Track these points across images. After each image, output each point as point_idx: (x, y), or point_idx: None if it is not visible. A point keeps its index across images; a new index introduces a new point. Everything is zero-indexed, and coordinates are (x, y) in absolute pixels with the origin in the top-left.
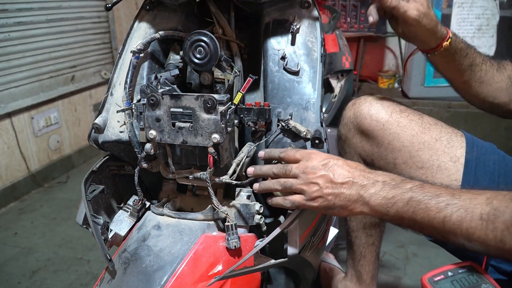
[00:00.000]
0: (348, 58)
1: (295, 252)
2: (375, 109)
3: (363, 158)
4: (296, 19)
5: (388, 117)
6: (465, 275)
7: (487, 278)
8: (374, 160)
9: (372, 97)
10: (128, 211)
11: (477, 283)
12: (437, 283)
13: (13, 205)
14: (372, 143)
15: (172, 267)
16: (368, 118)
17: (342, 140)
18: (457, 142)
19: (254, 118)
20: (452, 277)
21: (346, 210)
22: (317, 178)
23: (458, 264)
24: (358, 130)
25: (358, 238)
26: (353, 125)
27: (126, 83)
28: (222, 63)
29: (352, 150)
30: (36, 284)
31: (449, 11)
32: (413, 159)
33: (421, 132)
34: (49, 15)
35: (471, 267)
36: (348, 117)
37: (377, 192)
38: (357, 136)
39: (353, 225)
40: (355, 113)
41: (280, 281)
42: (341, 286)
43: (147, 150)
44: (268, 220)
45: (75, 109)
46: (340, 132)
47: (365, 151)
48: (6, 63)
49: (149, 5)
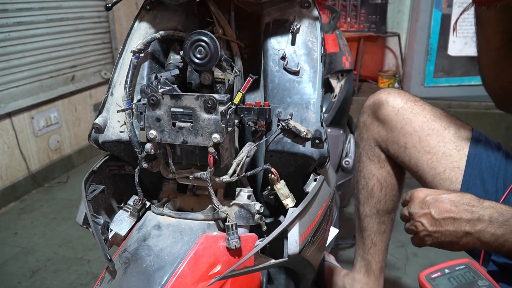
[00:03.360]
0: (348, 58)
1: (295, 252)
2: (392, 97)
3: (379, 144)
4: (296, 19)
5: (403, 104)
6: (461, 272)
7: (484, 274)
8: (388, 145)
9: (391, 89)
10: (128, 211)
11: (474, 280)
12: (434, 280)
13: (13, 205)
14: (387, 128)
15: (172, 267)
16: (385, 104)
17: (360, 128)
18: (464, 134)
19: (254, 118)
20: (449, 274)
21: (458, 245)
22: (420, 217)
23: (455, 261)
24: (375, 116)
25: (371, 225)
26: (371, 111)
27: (126, 83)
28: (222, 63)
29: (370, 135)
30: (36, 284)
31: (449, 11)
32: (421, 143)
33: (432, 120)
34: (49, 15)
35: (468, 264)
36: (368, 105)
37: (484, 229)
38: (374, 122)
39: (367, 210)
40: (374, 100)
41: (280, 281)
42: (348, 279)
43: (147, 150)
44: (269, 220)
45: (75, 109)
46: (359, 121)
47: (381, 136)
48: (6, 63)
49: (149, 5)
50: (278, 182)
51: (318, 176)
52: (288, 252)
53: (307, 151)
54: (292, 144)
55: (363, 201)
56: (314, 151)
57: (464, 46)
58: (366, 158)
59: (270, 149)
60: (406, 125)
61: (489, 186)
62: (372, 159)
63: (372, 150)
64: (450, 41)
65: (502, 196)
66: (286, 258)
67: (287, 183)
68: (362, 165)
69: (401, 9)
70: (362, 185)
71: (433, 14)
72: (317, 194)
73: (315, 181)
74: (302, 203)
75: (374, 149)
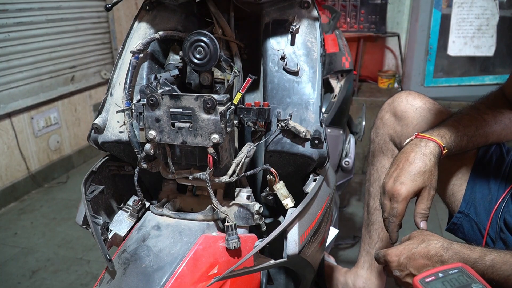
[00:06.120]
0: (348, 58)
1: (295, 252)
2: (412, 97)
3: (393, 140)
4: (296, 19)
5: (422, 104)
6: (455, 276)
7: (477, 278)
8: (402, 141)
9: (412, 91)
10: (128, 212)
11: (467, 283)
12: (429, 284)
13: (13, 205)
14: (403, 124)
15: (171, 267)
16: (405, 102)
17: (377, 124)
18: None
19: (254, 118)
20: (443, 278)
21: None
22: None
23: (449, 265)
24: (393, 112)
25: (380, 219)
26: (390, 108)
27: (126, 83)
28: (222, 63)
29: (385, 131)
30: (36, 284)
31: (448, 11)
32: None
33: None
34: (49, 16)
35: (462, 268)
36: (387, 103)
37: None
38: (391, 118)
39: (377, 204)
40: (394, 98)
41: (280, 281)
42: (350, 275)
43: (147, 150)
44: (268, 220)
45: (75, 109)
46: (376, 118)
47: (396, 132)
48: (6, 63)
49: (149, 5)
50: (278, 183)
51: (318, 177)
52: (288, 253)
53: (307, 152)
54: (292, 145)
55: (374, 195)
56: (313, 152)
57: (463, 46)
58: (380, 152)
59: (270, 149)
60: (422, 122)
61: (492, 184)
62: (386, 154)
63: (386, 145)
64: (450, 41)
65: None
66: (285, 258)
67: (287, 184)
68: (376, 160)
69: (400, 9)
70: (374, 179)
71: (432, 14)
72: (317, 195)
73: (315, 182)
74: (301, 204)
75: (388, 144)
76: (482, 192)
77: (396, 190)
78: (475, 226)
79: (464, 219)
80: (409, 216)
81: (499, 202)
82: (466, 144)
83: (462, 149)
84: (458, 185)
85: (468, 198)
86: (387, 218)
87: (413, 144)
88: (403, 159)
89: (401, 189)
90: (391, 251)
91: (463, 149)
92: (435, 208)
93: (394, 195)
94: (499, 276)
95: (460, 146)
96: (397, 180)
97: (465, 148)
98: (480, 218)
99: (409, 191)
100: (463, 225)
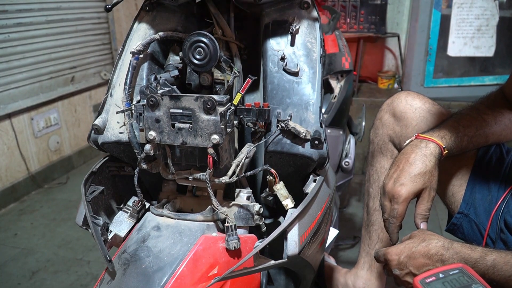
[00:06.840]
0: (347, 59)
1: (295, 252)
2: (411, 97)
3: (392, 140)
4: (296, 19)
5: (422, 104)
6: (456, 276)
7: (478, 279)
8: (401, 141)
9: (411, 91)
10: (128, 212)
11: (468, 284)
12: (429, 284)
13: (13, 206)
14: (402, 125)
15: (171, 268)
16: (404, 102)
17: (376, 124)
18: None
19: (254, 118)
20: (443, 279)
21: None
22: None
23: (449, 266)
24: (392, 113)
25: (379, 220)
26: (389, 108)
27: (126, 84)
28: (222, 64)
29: (384, 131)
30: (36, 285)
31: (448, 12)
32: None
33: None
34: (49, 16)
35: (462, 268)
36: (386, 103)
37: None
38: (390, 119)
39: (377, 204)
40: (393, 99)
41: (280, 282)
42: (350, 275)
43: (147, 151)
44: (268, 221)
45: (75, 110)
46: (376, 118)
47: (395, 132)
48: (6, 64)
49: (149, 6)
50: (278, 183)
51: (318, 177)
52: (288, 253)
53: (307, 152)
54: (292, 145)
55: (374, 195)
56: (313, 152)
57: (463, 46)
58: (379, 153)
59: (270, 150)
60: (421, 122)
61: (492, 185)
62: (385, 154)
63: (385, 145)
64: (450, 41)
65: (502, 194)
66: (285, 259)
67: (287, 184)
68: (375, 160)
69: (400, 9)
70: (373, 179)
71: (432, 14)
72: (317, 195)
73: (315, 182)
74: (301, 204)
75: (388, 145)
76: (482, 193)
77: (397, 191)
78: (475, 227)
79: (464, 219)
80: (409, 217)
81: (499, 203)
82: (466, 145)
83: (462, 150)
84: (458, 185)
85: (468, 199)
86: (387, 219)
87: (413, 145)
88: (403, 160)
89: (401, 190)
90: (391, 250)
91: (463, 149)
92: (435, 208)
93: (395, 196)
94: (500, 277)
95: (460, 147)
96: (397, 181)
97: (465, 148)
98: (480, 219)
99: (410, 192)
100: (463, 225)
